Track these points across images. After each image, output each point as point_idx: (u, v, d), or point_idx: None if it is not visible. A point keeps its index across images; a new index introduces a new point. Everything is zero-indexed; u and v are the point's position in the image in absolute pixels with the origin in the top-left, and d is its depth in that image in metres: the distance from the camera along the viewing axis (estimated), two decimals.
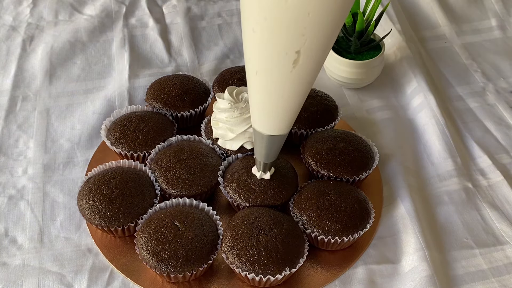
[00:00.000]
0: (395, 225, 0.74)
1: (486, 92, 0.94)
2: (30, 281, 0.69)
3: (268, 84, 0.57)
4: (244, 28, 0.54)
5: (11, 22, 1.07)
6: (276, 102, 0.59)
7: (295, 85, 0.56)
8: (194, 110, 0.83)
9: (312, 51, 0.52)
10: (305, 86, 0.57)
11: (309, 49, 0.52)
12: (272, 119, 0.61)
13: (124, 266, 0.69)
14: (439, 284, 0.67)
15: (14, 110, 0.90)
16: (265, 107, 0.60)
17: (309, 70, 0.55)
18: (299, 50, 0.51)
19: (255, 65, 0.56)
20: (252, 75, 0.57)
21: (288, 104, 0.59)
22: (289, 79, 0.55)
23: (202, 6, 1.11)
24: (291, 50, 0.52)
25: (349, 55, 0.90)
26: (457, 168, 0.81)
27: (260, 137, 0.64)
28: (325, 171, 0.74)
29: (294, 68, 0.53)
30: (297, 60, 0.52)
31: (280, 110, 0.60)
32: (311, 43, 0.51)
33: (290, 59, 0.52)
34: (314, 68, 0.55)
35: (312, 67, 0.54)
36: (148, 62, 0.99)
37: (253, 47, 0.54)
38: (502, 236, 0.74)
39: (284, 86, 0.56)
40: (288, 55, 0.52)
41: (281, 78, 0.55)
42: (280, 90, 0.57)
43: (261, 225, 0.66)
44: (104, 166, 0.75)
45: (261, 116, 0.62)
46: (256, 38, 0.52)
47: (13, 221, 0.75)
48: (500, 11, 1.09)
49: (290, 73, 0.54)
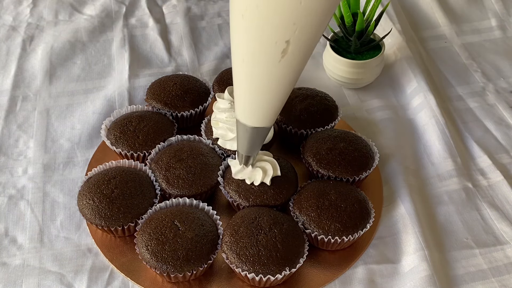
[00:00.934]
0: (395, 225, 0.74)
1: (486, 92, 0.94)
2: (30, 281, 0.69)
3: (255, 74, 0.55)
4: (233, 13, 0.52)
5: (11, 22, 1.07)
6: (262, 93, 0.57)
7: (282, 75, 0.55)
8: (194, 110, 0.83)
9: (301, 41, 0.51)
10: (293, 76, 0.56)
11: (299, 39, 0.51)
12: (257, 110, 0.60)
13: (124, 266, 0.69)
14: (439, 284, 0.67)
15: (14, 110, 0.90)
16: (251, 97, 0.59)
17: (298, 60, 0.54)
18: (288, 40, 0.50)
19: (242, 53, 0.54)
20: (238, 63, 0.56)
21: (274, 95, 0.58)
22: (277, 69, 0.54)
23: (202, 6, 1.11)
24: (281, 39, 0.51)
25: (349, 55, 0.90)
26: (457, 168, 0.81)
27: (243, 129, 0.63)
28: (325, 171, 0.74)
29: (282, 58, 0.52)
30: (286, 49, 0.51)
31: (266, 101, 0.59)
32: (301, 32, 0.50)
33: (279, 48, 0.51)
34: (302, 59, 0.54)
35: (301, 57, 0.53)
36: (148, 62, 0.99)
37: (242, 34, 0.53)
38: (502, 236, 0.74)
39: (271, 76, 0.55)
40: (278, 44, 0.51)
41: (268, 67, 0.54)
42: (266, 80, 0.56)
43: (261, 225, 0.66)
44: (104, 166, 0.75)
45: (246, 107, 0.61)
46: (245, 25, 0.51)
47: (13, 221, 0.75)
48: (500, 11, 1.09)
49: (278, 63, 0.53)
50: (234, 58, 0.57)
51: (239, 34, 0.53)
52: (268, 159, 0.70)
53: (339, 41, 0.91)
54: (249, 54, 0.54)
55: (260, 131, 0.63)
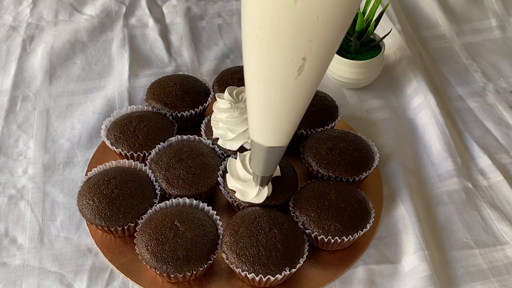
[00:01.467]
0: (395, 225, 0.74)
1: (486, 92, 0.94)
2: (30, 281, 0.69)
3: (271, 93, 0.54)
4: (246, 34, 0.51)
5: (11, 22, 1.07)
6: (278, 112, 0.56)
7: (298, 93, 0.54)
8: (194, 110, 0.83)
9: (318, 56, 0.50)
10: (309, 93, 0.55)
11: (316, 55, 0.49)
12: (272, 129, 0.59)
13: (124, 266, 0.69)
14: (439, 284, 0.67)
15: (14, 110, 0.90)
16: (266, 117, 0.57)
17: (314, 76, 0.52)
18: (305, 57, 0.49)
19: (257, 73, 0.53)
20: (253, 84, 0.55)
21: (291, 113, 0.56)
22: (293, 87, 0.52)
23: (202, 6, 1.11)
24: (297, 56, 0.49)
25: (349, 55, 0.90)
26: (457, 168, 0.81)
27: (258, 149, 0.62)
28: (325, 171, 0.74)
29: (299, 76, 0.51)
30: (302, 66, 0.50)
31: (282, 120, 0.57)
32: (318, 48, 0.49)
33: (295, 66, 0.50)
34: (319, 75, 0.53)
35: (317, 73, 0.52)
36: (148, 62, 0.99)
37: (256, 55, 0.51)
38: (502, 236, 0.74)
39: (287, 94, 0.54)
40: (294, 62, 0.50)
41: (284, 86, 0.53)
42: (282, 98, 0.54)
43: (261, 225, 0.66)
44: (104, 166, 0.75)
45: (261, 127, 0.59)
46: (260, 45, 0.50)
47: (13, 221, 0.75)
48: (500, 11, 1.09)
49: (295, 81, 0.51)
50: (248, 78, 0.55)
51: (253, 54, 0.52)
52: None
53: None
54: (265, 74, 0.52)
55: (276, 150, 0.61)
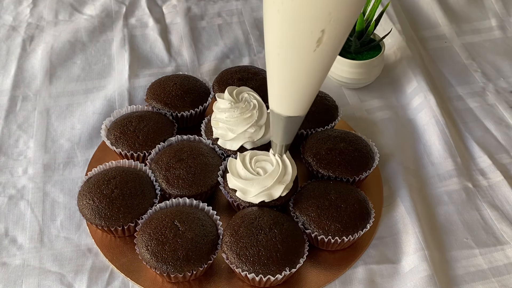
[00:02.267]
0: (395, 225, 0.74)
1: (486, 92, 0.94)
2: (30, 281, 0.69)
3: (290, 64, 0.57)
4: (268, 9, 0.53)
5: (11, 22, 1.07)
6: (297, 82, 0.59)
7: (316, 64, 0.56)
8: (194, 110, 0.83)
9: (336, 29, 0.52)
10: (327, 65, 0.57)
11: (334, 27, 0.52)
12: (291, 99, 0.61)
13: (124, 266, 0.69)
14: (439, 284, 0.67)
15: (14, 110, 0.90)
16: (285, 88, 0.60)
17: (332, 49, 0.55)
18: (324, 29, 0.51)
19: (277, 45, 0.55)
20: (273, 56, 0.57)
21: (309, 84, 0.59)
22: (312, 58, 0.55)
23: (202, 6, 1.11)
24: (316, 29, 0.52)
25: (349, 55, 0.90)
26: (457, 168, 0.81)
27: (278, 119, 0.64)
28: (325, 171, 0.74)
29: (317, 47, 0.53)
30: (321, 39, 0.52)
31: (301, 91, 0.60)
32: (337, 21, 0.51)
33: (314, 38, 0.52)
34: (337, 47, 0.55)
35: (335, 45, 0.55)
36: (148, 62, 0.99)
37: (277, 28, 0.54)
38: (502, 236, 0.74)
39: (306, 65, 0.56)
40: (313, 34, 0.52)
41: (303, 57, 0.55)
42: (301, 69, 0.57)
43: (261, 225, 0.66)
44: (104, 166, 0.75)
45: (281, 97, 0.62)
46: (281, 18, 0.52)
47: (13, 221, 0.75)
48: (500, 11, 1.09)
49: (313, 52, 0.54)
50: (269, 50, 0.57)
51: (275, 27, 0.54)
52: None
53: None
54: (285, 46, 0.55)
55: (294, 120, 0.64)
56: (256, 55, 1.01)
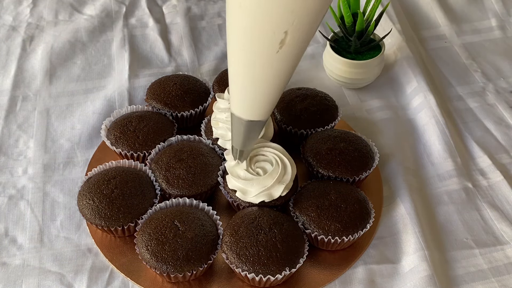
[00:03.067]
0: (395, 225, 0.74)
1: (486, 92, 0.94)
2: (30, 281, 0.69)
3: (251, 65, 0.54)
4: (230, 3, 0.51)
5: (11, 22, 1.07)
6: (258, 85, 0.57)
7: (279, 66, 0.54)
8: (194, 110, 0.83)
9: (299, 31, 0.50)
10: (290, 68, 0.55)
11: (297, 29, 0.50)
12: (253, 103, 0.59)
13: (124, 266, 0.69)
14: (439, 284, 0.67)
15: (14, 110, 0.90)
16: (247, 90, 0.58)
17: (295, 51, 0.53)
18: (287, 30, 0.50)
19: (238, 44, 0.53)
20: (234, 56, 0.55)
21: (271, 87, 0.57)
22: (274, 60, 0.53)
23: (202, 6, 1.11)
24: (279, 29, 0.50)
25: (349, 55, 0.90)
26: (457, 168, 0.81)
27: (238, 123, 0.62)
28: (325, 171, 0.74)
29: (280, 49, 0.51)
30: (283, 40, 0.50)
31: (262, 94, 0.58)
32: (300, 22, 0.49)
33: (277, 39, 0.50)
34: (300, 50, 0.53)
35: (298, 48, 0.53)
36: (148, 62, 0.99)
37: (238, 25, 0.52)
38: (502, 236, 0.74)
39: (269, 67, 0.54)
40: (276, 35, 0.50)
41: (266, 59, 0.53)
42: (263, 71, 0.55)
43: (261, 225, 0.66)
44: (104, 166, 0.75)
45: (242, 100, 0.60)
46: (243, 14, 0.50)
47: (13, 221, 0.75)
48: (500, 11, 1.09)
49: (276, 54, 0.52)
50: (230, 49, 0.55)
51: (236, 24, 0.52)
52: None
53: (339, 41, 0.91)
54: (246, 45, 0.53)
55: (255, 124, 0.62)
56: None
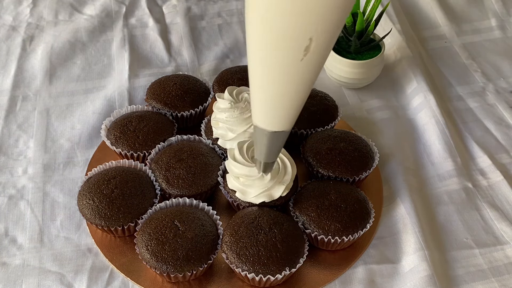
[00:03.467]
0: (395, 225, 0.74)
1: (486, 92, 0.94)
2: (30, 281, 0.69)
3: (275, 76, 0.53)
4: (250, 15, 0.50)
5: (11, 22, 1.07)
6: (282, 95, 0.55)
7: (304, 74, 0.53)
8: (194, 110, 0.83)
9: (324, 36, 0.49)
10: (314, 75, 0.54)
11: (322, 35, 0.48)
12: (276, 113, 0.58)
13: (124, 266, 0.69)
14: (439, 284, 0.67)
15: (14, 110, 0.90)
16: (270, 101, 0.56)
17: (319, 58, 0.51)
18: (311, 37, 0.48)
19: (261, 56, 0.52)
20: (256, 67, 0.54)
21: (295, 96, 0.55)
22: (299, 68, 0.51)
23: (202, 6, 1.11)
24: (304, 36, 0.48)
25: (349, 55, 0.90)
26: (457, 168, 0.81)
27: (261, 135, 0.60)
28: (325, 171, 0.74)
29: (304, 56, 0.50)
30: (308, 47, 0.49)
31: (286, 104, 0.56)
32: (324, 27, 0.48)
33: (301, 46, 0.49)
34: (323, 56, 0.52)
35: (322, 54, 0.51)
36: (148, 62, 0.99)
37: (261, 36, 0.50)
38: (502, 236, 0.74)
39: (293, 76, 0.53)
40: (300, 42, 0.49)
41: (290, 68, 0.52)
42: (287, 81, 0.53)
43: (261, 225, 0.66)
44: (104, 166, 0.75)
45: (265, 111, 0.58)
46: (265, 26, 0.49)
47: (13, 221, 0.75)
48: (500, 11, 1.09)
49: (300, 62, 0.50)
50: (252, 60, 0.54)
51: (258, 36, 0.51)
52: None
53: (339, 41, 0.91)
54: (270, 56, 0.51)
55: (279, 135, 0.60)
56: None
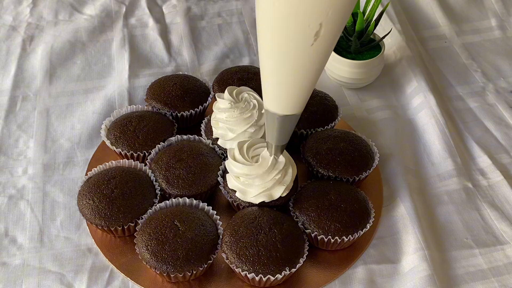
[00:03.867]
0: (395, 225, 0.74)
1: (486, 92, 0.94)
2: (30, 281, 0.69)
3: (286, 61, 0.55)
4: (262, 3, 0.52)
5: (11, 22, 1.07)
6: (293, 79, 0.57)
7: (314, 58, 0.55)
8: (194, 110, 0.83)
9: (333, 22, 0.51)
10: (324, 59, 0.56)
11: (332, 20, 0.50)
12: (287, 97, 0.60)
13: (124, 266, 0.69)
14: (439, 284, 0.67)
15: (14, 110, 0.90)
16: (281, 84, 0.58)
17: (329, 42, 0.53)
18: (321, 22, 0.50)
19: (273, 41, 0.54)
20: (268, 53, 0.56)
21: (306, 80, 0.57)
22: (309, 53, 0.53)
23: (202, 6, 1.11)
24: (315, 21, 0.50)
25: (349, 55, 0.90)
26: (457, 168, 0.81)
27: (272, 119, 0.62)
28: (325, 171, 0.74)
29: (315, 41, 0.52)
30: (318, 32, 0.51)
31: (297, 87, 0.58)
32: (334, 12, 0.50)
33: (312, 31, 0.51)
34: (333, 40, 0.54)
35: (332, 39, 0.53)
36: (148, 62, 0.99)
37: (272, 23, 0.52)
38: (502, 236, 0.74)
39: (303, 61, 0.55)
40: (311, 28, 0.51)
41: (300, 52, 0.54)
42: (298, 65, 0.55)
43: (261, 225, 0.66)
44: (104, 166, 0.75)
45: (276, 95, 0.60)
46: (277, 12, 0.51)
47: (13, 221, 0.75)
48: (500, 11, 1.09)
49: (311, 47, 0.52)
50: (263, 47, 0.56)
51: (270, 22, 0.53)
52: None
53: (339, 41, 0.91)
54: (281, 41, 0.53)
55: (290, 119, 0.62)
56: (256, 55, 1.01)
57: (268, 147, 0.67)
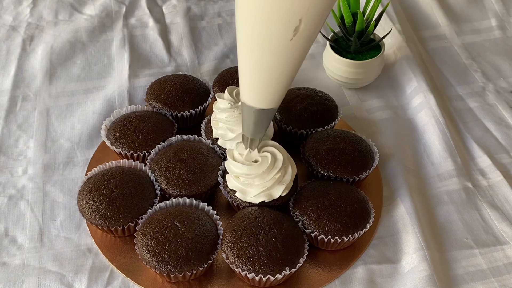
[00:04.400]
0: (395, 225, 0.74)
1: (486, 92, 0.94)
2: (30, 281, 0.69)
3: (265, 55, 0.55)
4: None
5: (11, 22, 1.07)
6: (271, 73, 0.57)
7: (293, 53, 0.55)
8: (194, 110, 0.83)
9: (313, 18, 0.51)
10: (302, 55, 0.56)
11: (311, 16, 0.51)
12: (264, 91, 0.60)
13: (124, 266, 0.69)
14: (439, 284, 0.67)
15: (14, 110, 0.90)
16: (259, 78, 0.58)
17: (308, 38, 0.54)
18: (301, 18, 0.50)
19: (251, 35, 0.54)
20: (246, 45, 0.56)
21: (283, 74, 0.57)
22: (288, 48, 0.54)
23: (202, 6, 1.11)
24: (294, 17, 0.50)
25: (349, 55, 0.90)
26: (457, 168, 0.81)
27: (249, 112, 0.62)
28: (325, 171, 0.74)
29: (294, 37, 0.52)
30: (298, 27, 0.51)
31: (274, 81, 0.58)
32: (314, 9, 0.50)
33: (291, 27, 0.51)
34: (312, 37, 0.54)
35: (310, 35, 0.53)
36: (148, 62, 0.99)
37: (252, 16, 0.52)
38: (502, 236, 0.74)
39: (282, 55, 0.55)
40: (290, 23, 0.51)
41: (279, 47, 0.54)
42: (277, 60, 0.55)
43: (261, 225, 0.66)
44: (104, 166, 0.75)
45: (253, 89, 0.60)
46: (257, 6, 0.51)
47: (13, 221, 0.75)
48: (500, 11, 1.09)
49: (290, 42, 0.53)
50: (242, 38, 0.56)
51: (249, 16, 0.53)
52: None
53: (339, 41, 0.91)
54: (260, 35, 0.53)
55: (266, 112, 0.62)
56: None
57: (244, 140, 0.67)
